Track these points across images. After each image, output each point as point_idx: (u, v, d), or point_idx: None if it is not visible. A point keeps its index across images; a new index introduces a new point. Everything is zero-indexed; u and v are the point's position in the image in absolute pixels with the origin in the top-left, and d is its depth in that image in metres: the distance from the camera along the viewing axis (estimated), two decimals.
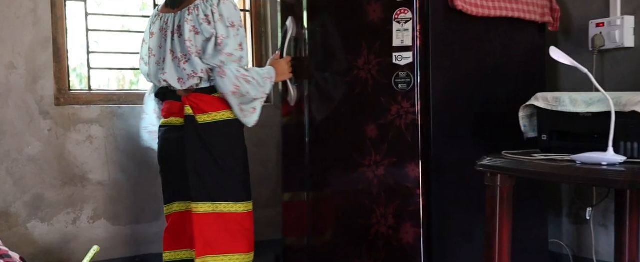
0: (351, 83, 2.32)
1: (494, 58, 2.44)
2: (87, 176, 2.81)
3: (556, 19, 2.51)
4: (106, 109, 2.84)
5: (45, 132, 2.72)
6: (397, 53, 2.24)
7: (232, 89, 2.12)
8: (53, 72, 2.74)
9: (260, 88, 2.18)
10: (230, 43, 2.11)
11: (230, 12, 2.12)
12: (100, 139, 2.83)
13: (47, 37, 2.70)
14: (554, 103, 1.99)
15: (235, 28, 2.13)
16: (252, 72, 2.18)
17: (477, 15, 2.32)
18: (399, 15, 2.23)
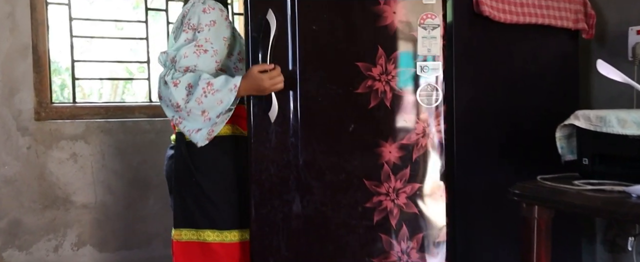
0: (363, 96, 1.98)
1: (523, 68, 2.21)
2: (71, 198, 2.54)
3: (591, 25, 2.28)
4: (93, 124, 2.58)
5: (23, 150, 2.45)
6: (423, 63, 1.99)
7: (158, 92, 1.84)
8: (33, 83, 2.47)
9: (186, 96, 1.78)
10: (176, 43, 1.85)
11: (195, 14, 1.86)
12: (86, 156, 2.56)
13: (27, 45, 2.44)
14: (597, 123, 1.75)
15: (192, 31, 1.84)
16: (189, 77, 1.80)
17: (504, 21, 2.09)
18: (425, 20, 1.99)
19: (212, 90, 1.78)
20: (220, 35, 1.87)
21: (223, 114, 1.82)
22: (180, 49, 1.81)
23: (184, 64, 1.80)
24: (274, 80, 1.85)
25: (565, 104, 2.30)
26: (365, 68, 1.98)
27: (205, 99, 1.78)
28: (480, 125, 2.11)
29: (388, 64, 1.99)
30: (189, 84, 1.79)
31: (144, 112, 2.72)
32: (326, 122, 1.97)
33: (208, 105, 1.79)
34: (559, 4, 2.23)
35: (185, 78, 1.79)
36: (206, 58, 1.83)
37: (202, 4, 1.87)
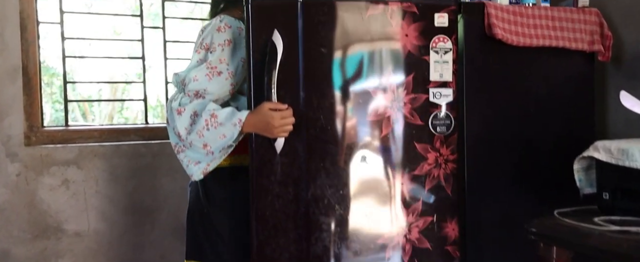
0: (375, 124, 1.88)
1: (537, 92, 2.12)
2: (63, 227, 2.42)
3: (608, 47, 2.19)
4: (86, 148, 2.46)
5: (12, 177, 2.33)
6: (435, 89, 1.89)
7: (166, 116, 1.75)
8: (23, 106, 2.35)
9: (191, 126, 1.66)
10: (188, 66, 1.76)
11: (209, 33, 1.77)
12: (79, 183, 2.45)
13: (16, 66, 2.32)
14: (619, 156, 1.66)
15: (205, 51, 1.75)
16: (195, 105, 1.69)
17: (517, 44, 2.00)
18: (437, 44, 1.89)
19: (215, 123, 1.67)
20: (238, 56, 1.77)
21: (225, 149, 1.71)
22: (191, 71, 1.71)
23: (194, 88, 1.70)
24: (285, 120, 1.72)
25: (581, 128, 2.21)
26: (376, 94, 1.88)
27: (206, 132, 1.67)
28: (492, 154, 2.02)
29: (400, 90, 1.89)
30: (195, 112, 1.68)
31: (139, 134, 2.61)
32: (336, 152, 1.87)
33: (209, 139, 1.68)
34: (573, 25, 2.14)
35: (191, 106, 1.68)
36: (219, 81, 1.72)
37: (219, 22, 1.77)
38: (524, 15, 2.04)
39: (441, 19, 1.90)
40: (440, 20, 1.90)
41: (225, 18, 1.78)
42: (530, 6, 2.08)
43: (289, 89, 1.81)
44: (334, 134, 1.85)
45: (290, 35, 1.80)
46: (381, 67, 1.88)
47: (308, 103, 1.83)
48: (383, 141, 1.88)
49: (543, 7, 2.11)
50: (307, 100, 1.83)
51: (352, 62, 1.88)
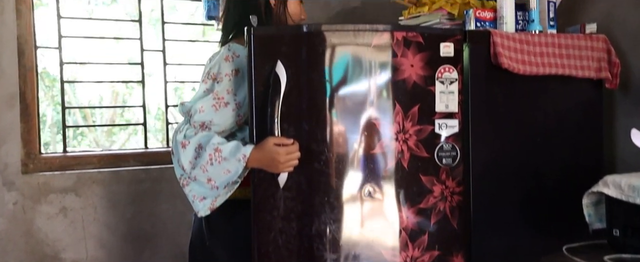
0: (380, 156, 1.82)
1: (544, 121, 2.07)
2: (60, 255, 2.38)
3: (615, 74, 2.15)
4: (84, 175, 2.42)
5: (9, 206, 2.29)
6: (441, 120, 1.85)
7: (171, 148, 1.71)
8: (20, 133, 2.32)
9: (196, 159, 1.63)
10: (194, 96, 1.73)
11: (217, 63, 1.73)
12: (77, 210, 2.41)
13: (13, 93, 2.29)
14: (629, 193, 1.62)
15: (212, 81, 1.71)
16: (200, 138, 1.65)
17: (523, 73, 1.96)
18: (442, 74, 1.85)
19: (219, 157, 1.63)
20: (246, 86, 1.72)
21: (230, 184, 1.66)
22: (197, 102, 1.67)
23: (199, 119, 1.66)
24: (291, 155, 1.67)
25: (589, 156, 2.17)
26: (382, 126, 1.84)
27: (210, 167, 1.63)
28: (499, 185, 1.97)
29: (405, 121, 1.85)
30: (199, 145, 1.64)
31: (139, 159, 2.57)
32: (340, 186, 1.82)
33: (213, 174, 1.64)
34: (580, 53, 2.10)
35: (196, 139, 1.64)
36: (226, 112, 1.69)
37: (227, 51, 1.73)
38: (531, 43, 1.99)
39: (447, 48, 1.86)
40: (445, 50, 1.86)
41: (234, 47, 1.75)
42: (537, 33, 2.04)
43: (292, 122, 1.76)
44: (338, 167, 1.80)
45: (294, 66, 1.75)
46: (387, 98, 1.84)
47: (312, 136, 1.78)
48: (388, 174, 1.84)
49: (550, 34, 2.07)
50: (311, 133, 1.78)
51: (357, 93, 1.84)
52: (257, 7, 1.81)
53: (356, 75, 1.82)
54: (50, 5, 2.52)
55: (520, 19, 2.10)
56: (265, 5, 1.81)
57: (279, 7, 1.82)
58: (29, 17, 2.33)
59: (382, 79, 1.83)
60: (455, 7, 2.14)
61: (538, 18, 2.07)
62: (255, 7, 1.80)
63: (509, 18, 2.02)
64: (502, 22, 2.03)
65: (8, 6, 2.26)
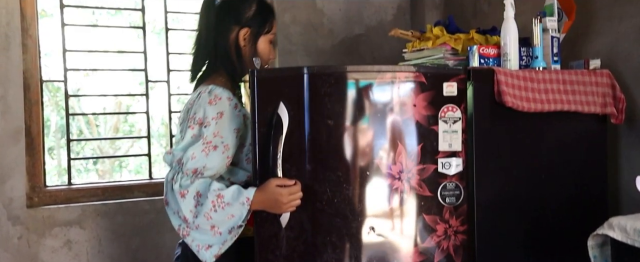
0: (383, 196, 1.82)
1: (548, 157, 2.06)
2: None
3: (621, 110, 2.14)
4: (88, 208, 2.42)
5: (14, 240, 2.29)
6: (444, 159, 1.85)
7: (164, 197, 1.69)
8: (25, 167, 2.32)
9: (195, 207, 1.62)
10: (182, 142, 1.69)
11: (201, 107, 1.71)
12: (81, 243, 2.41)
13: (19, 128, 2.30)
14: (635, 237, 1.61)
15: (199, 126, 1.69)
16: (198, 185, 1.64)
17: (528, 110, 1.95)
18: (445, 114, 1.85)
19: (222, 203, 1.63)
20: (231, 128, 1.72)
21: (235, 229, 1.66)
22: (188, 150, 1.66)
23: (192, 166, 1.65)
24: (293, 196, 1.69)
25: (593, 191, 2.15)
26: (384, 166, 1.83)
27: (214, 214, 1.62)
28: (503, 223, 1.95)
29: (408, 160, 1.85)
30: (198, 193, 1.63)
31: (143, 190, 2.57)
32: (343, 225, 1.82)
33: (218, 221, 1.63)
34: (585, 88, 2.09)
35: (194, 187, 1.63)
36: (216, 156, 1.68)
37: (208, 95, 1.72)
38: (535, 80, 1.99)
39: (450, 88, 1.86)
40: (449, 89, 1.86)
41: (215, 89, 1.73)
42: (541, 70, 2.04)
43: (294, 162, 1.77)
44: (341, 207, 1.80)
45: (296, 107, 1.77)
46: (389, 138, 1.84)
47: (314, 176, 1.78)
48: (391, 214, 1.83)
49: (554, 71, 2.06)
50: (313, 173, 1.78)
51: (359, 133, 1.84)
52: (227, 46, 1.80)
53: (358, 116, 1.82)
54: (54, 16, 2.50)
55: (523, 55, 2.10)
56: (235, 45, 1.80)
57: (249, 47, 1.81)
58: (34, 51, 2.35)
59: (384, 118, 1.83)
60: (459, 43, 2.14)
61: (542, 54, 2.07)
62: (225, 47, 1.80)
63: (512, 55, 2.02)
64: (505, 59, 2.02)
65: (14, 41, 2.28)
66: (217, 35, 1.79)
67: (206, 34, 1.80)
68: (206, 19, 1.80)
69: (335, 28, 2.96)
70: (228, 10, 1.80)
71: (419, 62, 2.23)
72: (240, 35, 1.80)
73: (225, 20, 1.80)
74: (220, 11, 1.80)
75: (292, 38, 2.85)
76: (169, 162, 1.69)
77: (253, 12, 1.81)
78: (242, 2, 1.82)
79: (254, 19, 1.81)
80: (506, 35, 2.03)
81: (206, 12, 1.81)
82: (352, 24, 2.99)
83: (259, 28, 1.82)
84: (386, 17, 3.07)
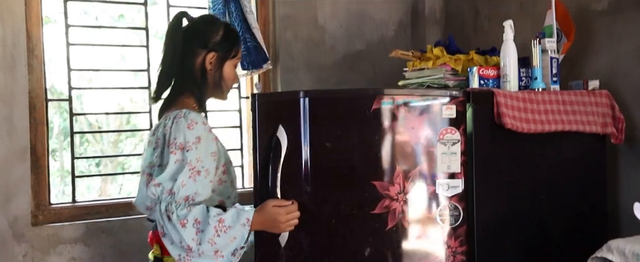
0: (380, 217, 1.85)
1: (548, 178, 2.08)
2: None
3: (620, 130, 2.16)
4: (93, 225, 2.45)
5: (19, 258, 2.31)
6: (443, 181, 1.87)
7: (159, 229, 1.68)
8: (30, 185, 2.35)
9: (196, 234, 1.63)
10: (165, 171, 1.68)
11: (180, 132, 1.69)
12: (85, 260, 2.43)
13: (24, 148, 2.33)
14: (634, 260, 1.62)
15: (181, 152, 1.67)
16: (195, 212, 1.64)
17: (528, 132, 1.97)
18: (444, 136, 1.88)
19: (224, 227, 1.65)
20: (208, 152, 1.72)
21: (238, 251, 1.68)
22: (177, 178, 1.65)
23: (183, 194, 1.65)
24: (291, 215, 1.74)
25: (592, 211, 2.17)
26: (382, 187, 1.86)
27: (218, 239, 1.64)
28: (503, 243, 1.98)
29: (406, 182, 1.87)
30: (196, 220, 1.64)
31: None
32: (341, 246, 1.85)
33: (221, 245, 1.66)
34: (585, 108, 2.11)
35: (192, 215, 1.64)
36: (202, 180, 1.69)
37: (184, 120, 1.71)
38: (534, 101, 2.01)
39: (448, 110, 1.88)
40: (447, 112, 1.88)
41: (189, 113, 1.72)
42: (540, 91, 2.06)
43: (294, 184, 1.81)
44: (339, 227, 1.84)
45: (295, 130, 1.81)
46: (387, 160, 1.87)
47: (313, 197, 1.82)
48: (389, 235, 1.86)
49: (553, 92, 2.08)
50: (313, 195, 1.82)
51: (357, 155, 1.87)
52: (194, 70, 1.81)
53: (356, 139, 1.86)
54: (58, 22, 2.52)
55: (523, 76, 2.11)
56: (201, 68, 1.81)
57: (214, 71, 1.81)
58: (40, 71, 2.37)
59: (382, 141, 1.87)
60: (459, 63, 2.16)
61: (541, 75, 2.09)
62: (192, 70, 1.80)
63: (512, 76, 2.04)
64: (505, 80, 2.04)
65: (20, 62, 2.31)
66: (183, 59, 1.80)
67: (172, 56, 1.79)
68: (173, 42, 1.80)
69: (336, 44, 2.98)
70: (195, 35, 1.81)
71: (420, 82, 2.25)
72: (207, 60, 1.81)
73: (192, 44, 1.80)
74: (187, 35, 1.81)
75: (294, 55, 2.87)
76: (157, 193, 1.67)
77: (220, 37, 1.82)
78: (209, 27, 1.83)
79: (221, 43, 1.82)
80: (506, 57, 2.05)
81: (173, 35, 1.81)
82: (354, 40, 3.02)
83: (225, 53, 1.83)
84: (387, 32, 3.10)
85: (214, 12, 2.62)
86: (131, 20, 4.86)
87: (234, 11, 2.64)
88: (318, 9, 2.93)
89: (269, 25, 2.88)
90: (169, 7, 2.69)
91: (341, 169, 1.87)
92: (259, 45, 2.67)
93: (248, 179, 2.84)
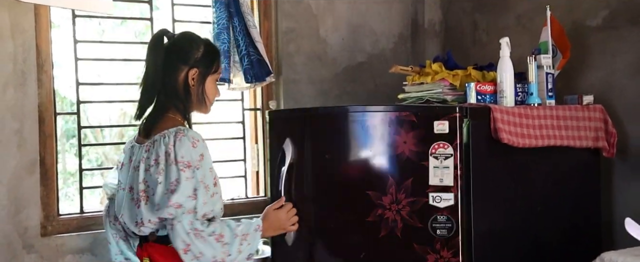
0: (374, 224, 1.97)
1: (543, 191, 2.15)
2: None
3: (612, 144, 2.22)
4: (100, 235, 2.50)
5: None
6: (435, 193, 1.93)
7: (182, 246, 1.71)
8: (40, 197, 2.41)
9: (224, 248, 1.72)
10: (181, 190, 1.69)
11: (186, 150, 1.71)
12: None
13: (34, 160, 2.39)
14: None
15: (190, 170, 1.71)
16: (217, 227, 1.73)
17: (523, 146, 2.02)
18: (436, 150, 1.93)
19: (245, 236, 1.78)
20: (208, 168, 1.77)
21: (253, 255, 1.81)
22: (198, 197, 1.70)
23: (203, 211, 1.71)
24: (290, 213, 1.98)
25: (586, 223, 2.23)
26: (376, 197, 1.99)
27: (243, 247, 1.77)
28: (499, 256, 2.03)
29: (398, 193, 1.96)
30: (220, 235, 1.73)
31: None
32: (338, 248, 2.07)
33: (245, 252, 1.78)
34: (578, 123, 2.17)
35: (218, 229, 1.73)
36: (214, 197, 1.75)
37: (186, 139, 1.73)
38: (530, 116, 2.06)
39: (441, 126, 1.94)
40: (439, 127, 1.94)
41: (189, 131, 1.76)
42: (536, 106, 2.11)
43: (299, 189, 2.06)
44: (338, 232, 2.07)
45: (301, 143, 2.04)
46: (380, 171, 2.00)
47: (317, 202, 2.08)
48: (381, 242, 1.98)
49: (548, 107, 2.14)
50: (317, 200, 2.08)
51: (353, 166, 2.05)
52: (176, 86, 1.82)
53: (353, 152, 2.04)
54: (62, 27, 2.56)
55: (519, 91, 2.17)
56: (184, 84, 1.82)
57: (197, 87, 1.84)
58: (49, 85, 2.44)
59: (376, 154, 2.02)
60: (457, 79, 2.22)
61: (536, 90, 2.15)
62: (175, 87, 1.82)
63: (508, 92, 2.10)
64: (502, 95, 2.10)
65: (30, 77, 2.37)
66: (165, 75, 1.81)
67: (154, 73, 1.81)
68: (154, 58, 1.81)
69: (338, 57, 3.04)
70: (177, 51, 1.83)
71: (419, 96, 2.31)
72: (189, 76, 1.83)
73: (174, 60, 1.82)
74: (169, 52, 1.82)
75: (297, 68, 2.93)
76: (178, 213, 1.69)
77: (201, 54, 1.84)
78: (190, 44, 1.85)
79: (202, 59, 1.84)
80: (502, 73, 2.11)
81: (154, 51, 1.83)
82: (355, 52, 3.08)
83: (206, 69, 1.85)
84: (388, 45, 3.16)
85: (218, 26, 2.68)
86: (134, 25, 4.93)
87: (237, 25, 2.70)
88: (320, 22, 3.00)
89: (272, 38, 2.95)
90: (174, 22, 2.76)
91: (340, 179, 2.06)
92: (262, 58, 2.73)
93: (251, 190, 2.90)
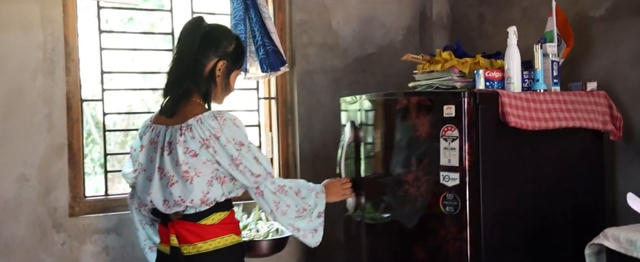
0: (402, 198, 2.20)
1: (551, 172, 2.24)
2: None
3: (619, 127, 2.32)
4: (124, 216, 2.62)
5: (58, 246, 2.50)
6: (444, 173, 2.05)
7: (273, 206, 1.90)
8: (68, 179, 2.53)
9: (303, 201, 1.95)
10: (250, 163, 1.84)
11: (233, 131, 1.82)
12: (117, 249, 2.61)
13: (62, 144, 2.51)
14: (627, 246, 1.77)
15: (245, 146, 1.83)
16: (294, 184, 1.97)
17: (532, 129, 2.11)
18: (446, 133, 2.04)
19: (315, 192, 2.03)
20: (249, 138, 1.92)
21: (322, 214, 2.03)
22: (262, 162, 1.88)
23: (271, 170, 1.93)
24: (344, 184, 2.21)
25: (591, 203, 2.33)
26: (404, 174, 2.20)
27: (321, 202, 2.02)
28: (508, 234, 2.12)
29: (419, 171, 2.08)
30: (298, 190, 1.97)
31: None
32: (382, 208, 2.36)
33: (320, 207, 2.02)
34: (585, 107, 2.26)
35: (294, 186, 1.97)
36: (267, 159, 1.94)
37: (228, 121, 1.82)
38: (537, 101, 2.15)
39: (449, 110, 2.05)
40: (448, 111, 2.05)
41: (226, 114, 1.84)
42: (542, 92, 2.21)
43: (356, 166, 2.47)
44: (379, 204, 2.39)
45: (357, 127, 2.45)
46: (406, 151, 2.20)
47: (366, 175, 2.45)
48: (407, 213, 2.22)
49: (554, 92, 2.24)
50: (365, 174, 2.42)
51: (385, 147, 2.31)
52: (204, 73, 1.87)
53: (386, 135, 2.31)
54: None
55: (526, 78, 2.27)
56: (210, 73, 1.88)
57: (222, 78, 1.91)
58: (76, 73, 2.56)
59: (404, 136, 2.22)
60: (466, 66, 2.32)
61: (542, 77, 2.24)
62: (203, 73, 1.87)
63: (515, 78, 2.19)
64: (509, 82, 2.20)
65: (59, 65, 2.49)
66: (196, 61, 1.86)
67: (189, 56, 1.85)
68: (191, 42, 1.86)
69: (349, 48, 3.15)
70: (211, 41, 1.89)
71: (429, 83, 2.41)
72: (217, 66, 1.88)
73: (207, 49, 1.87)
74: (204, 39, 1.87)
75: (310, 58, 3.04)
76: (258, 181, 1.88)
77: (232, 48, 1.92)
78: (224, 36, 1.92)
79: (232, 54, 1.91)
80: (510, 60, 2.21)
81: (190, 36, 1.87)
82: (365, 44, 3.19)
83: (234, 63, 1.93)
84: (397, 37, 3.26)
85: (235, 18, 2.79)
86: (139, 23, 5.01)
87: (253, 17, 2.81)
88: (332, 15, 3.11)
89: (286, 30, 3.06)
90: (193, 15, 2.86)
91: (376, 157, 2.36)
92: (277, 49, 2.84)
93: None
